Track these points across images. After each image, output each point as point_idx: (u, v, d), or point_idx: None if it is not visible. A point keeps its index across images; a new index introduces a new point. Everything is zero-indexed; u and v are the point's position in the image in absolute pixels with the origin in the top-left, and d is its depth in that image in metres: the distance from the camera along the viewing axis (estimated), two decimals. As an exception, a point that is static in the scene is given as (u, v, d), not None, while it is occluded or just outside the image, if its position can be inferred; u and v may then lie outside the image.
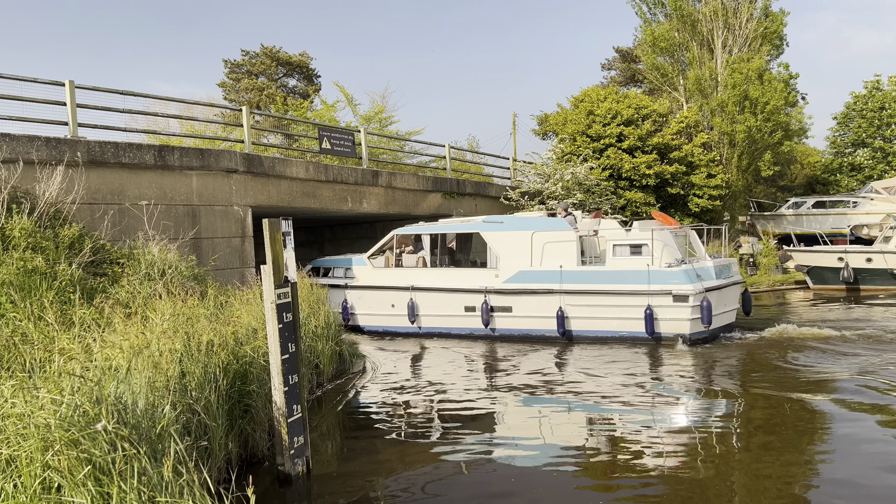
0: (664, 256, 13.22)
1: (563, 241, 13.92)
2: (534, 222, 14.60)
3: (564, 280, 13.58)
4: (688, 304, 12.71)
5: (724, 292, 13.49)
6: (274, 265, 6.31)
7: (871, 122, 36.81)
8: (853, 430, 7.55)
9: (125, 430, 4.31)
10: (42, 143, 10.98)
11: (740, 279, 14.58)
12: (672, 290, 12.80)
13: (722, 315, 13.46)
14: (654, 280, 12.94)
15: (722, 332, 13.70)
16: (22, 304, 7.32)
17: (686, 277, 12.82)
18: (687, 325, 12.82)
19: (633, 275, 13.12)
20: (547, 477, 6.43)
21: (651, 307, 12.86)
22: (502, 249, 14.40)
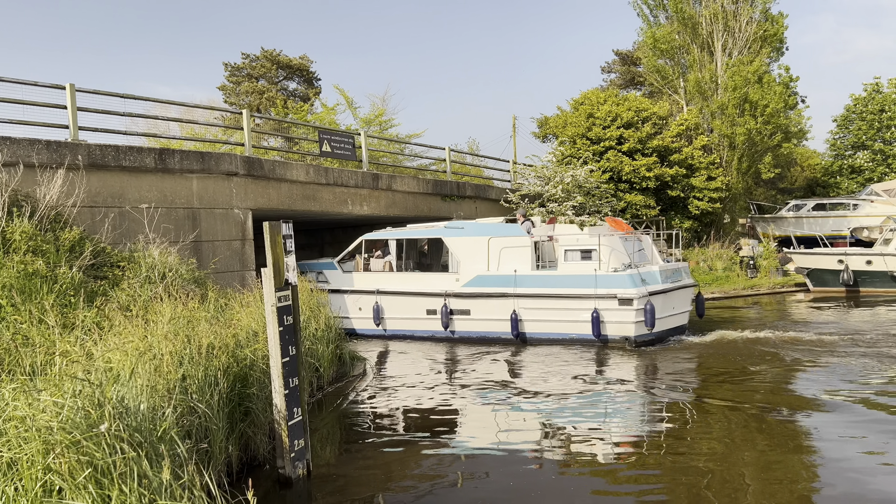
0: (611, 261, 13.59)
1: (518, 247, 14.35)
2: (491, 228, 15.07)
3: (518, 284, 14.02)
4: (632, 307, 13.05)
5: (672, 296, 13.83)
6: (274, 268, 6.32)
7: (871, 124, 36.85)
8: (772, 429, 7.78)
9: (126, 432, 4.32)
10: (43, 147, 10.99)
11: (692, 283, 14.90)
12: (617, 294, 13.14)
13: (670, 318, 13.81)
14: (600, 284, 13.29)
15: (671, 334, 13.96)
16: (23, 308, 7.33)
17: (631, 281, 13.14)
18: (632, 327, 13.13)
19: (582, 279, 13.48)
20: (547, 480, 6.42)
21: (598, 310, 13.19)
22: (462, 254, 14.87)
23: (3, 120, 11.40)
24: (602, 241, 13.70)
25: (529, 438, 7.84)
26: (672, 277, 14.10)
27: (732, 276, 24.29)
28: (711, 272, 24.80)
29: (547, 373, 11.32)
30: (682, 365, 11.68)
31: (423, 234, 16.21)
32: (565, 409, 8.98)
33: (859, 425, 7.69)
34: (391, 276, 15.74)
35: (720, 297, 21.81)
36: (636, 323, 13.10)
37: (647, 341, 13.33)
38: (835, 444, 7.07)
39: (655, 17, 32.34)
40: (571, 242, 14.17)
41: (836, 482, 6.10)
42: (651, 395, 9.63)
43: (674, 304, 13.98)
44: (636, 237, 14.98)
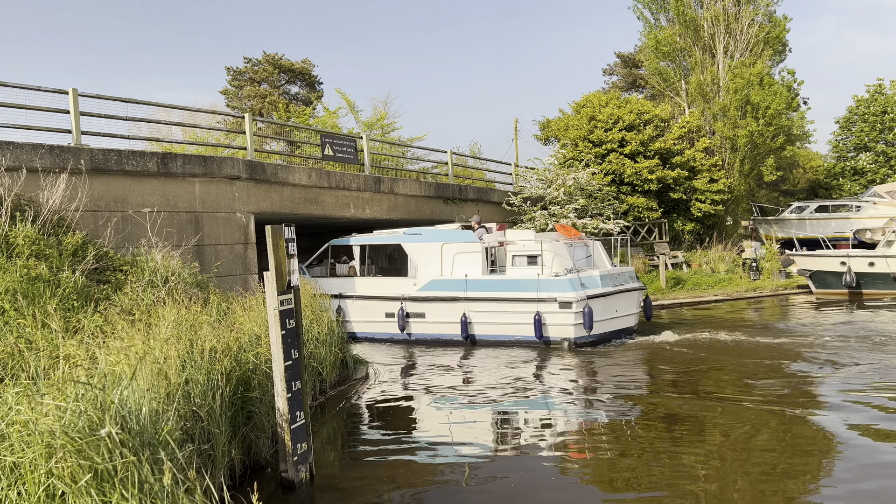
0: (554, 266, 14.06)
1: (470, 252, 14.90)
2: (446, 234, 15.67)
3: (468, 288, 14.54)
4: (571, 310, 13.52)
5: (613, 299, 14.30)
6: (277, 272, 6.32)
7: (874, 126, 36.80)
8: (690, 426, 8.09)
9: (129, 436, 4.32)
10: (46, 151, 11.02)
11: (639, 286, 15.32)
12: (557, 298, 13.63)
13: (611, 320, 14.31)
14: (542, 288, 13.79)
15: (615, 336, 14.43)
16: (26, 312, 7.35)
17: (570, 286, 13.64)
18: (571, 329, 13.64)
19: (525, 283, 14.00)
20: (549, 483, 6.42)
21: (540, 313, 13.65)
22: (419, 259, 15.43)
23: (7, 125, 11.44)
24: (545, 246, 14.19)
25: (528, 440, 7.84)
26: (614, 281, 14.57)
27: (735, 279, 24.25)
28: (714, 274, 24.76)
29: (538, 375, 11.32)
30: (608, 367, 12.01)
31: (385, 239, 16.62)
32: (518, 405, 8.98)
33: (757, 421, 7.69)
34: (353, 281, 16.20)
35: (723, 300, 21.78)
36: (575, 325, 13.57)
37: (587, 343, 13.83)
38: (732, 440, 7.29)
39: (657, 19, 32.35)
40: (519, 248, 14.66)
41: (734, 474, 6.28)
42: (563, 398, 9.94)
43: (616, 306, 14.45)
44: (584, 243, 15.57)
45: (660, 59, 32.09)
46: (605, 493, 6.22)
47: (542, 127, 35.62)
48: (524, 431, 8.37)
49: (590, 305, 13.47)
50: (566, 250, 14.59)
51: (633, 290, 14.96)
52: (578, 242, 15.37)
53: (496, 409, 9.33)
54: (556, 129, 30.37)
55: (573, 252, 14.83)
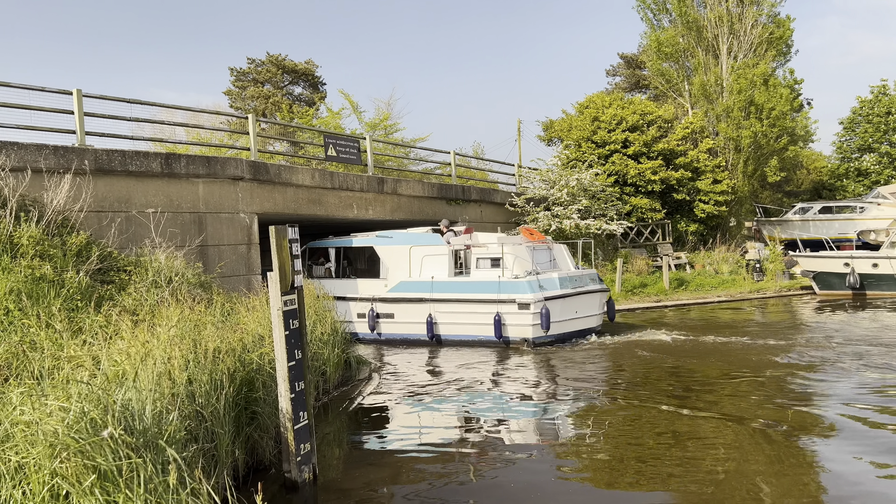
0: (515, 268, 14.52)
1: (437, 255, 15.37)
2: (414, 237, 16.12)
3: (434, 289, 15.01)
4: (529, 311, 14.00)
5: (572, 300, 14.75)
6: (280, 272, 6.33)
7: (878, 127, 36.71)
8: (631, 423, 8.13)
9: (132, 437, 4.33)
10: (50, 152, 11.04)
11: (600, 288, 15.67)
12: (516, 299, 14.13)
13: (571, 321, 14.77)
14: (503, 290, 14.29)
15: (575, 336, 14.88)
16: (30, 312, 7.36)
17: (528, 287, 14.12)
18: (530, 330, 14.11)
19: (487, 285, 14.50)
20: (552, 485, 6.41)
21: (500, 314, 14.16)
22: (390, 262, 15.86)
23: (11, 125, 11.47)
24: (506, 249, 14.68)
25: (528, 439, 7.84)
26: (573, 283, 15.00)
27: (738, 280, 24.21)
28: (717, 275, 24.72)
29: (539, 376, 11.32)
30: (575, 365, 12.39)
31: (358, 242, 16.92)
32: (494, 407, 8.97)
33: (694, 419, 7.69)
34: (329, 282, 16.44)
35: (726, 301, 21.75)
36: (533, 326, 14.04)
37: (545, 342, 14.29)
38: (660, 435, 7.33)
39: (659, 20, 32.31)
40: (483, 251, 15.16)
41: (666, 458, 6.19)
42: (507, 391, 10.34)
43: (576, 308, 14.90)
44: (547, 246, 16.01)
45: (662, 61, 32.05)
46: (605, 490, 6.22)
47: (545, 128, 35.63)
48: (525, 431, 8.36)
49: (547, 307, 13.92)
50: (527, 253, 15.02)
51: (594, 292, 15.39)
52: (541, 246, 15.84)
53: (497, 408, 9.33)
54: (560, 129, 30.37)
55: (535, 255, 15.26)
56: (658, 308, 20.52)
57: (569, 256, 16.20)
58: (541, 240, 15.96)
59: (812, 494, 5.91)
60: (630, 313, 19.82)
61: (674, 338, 14.47)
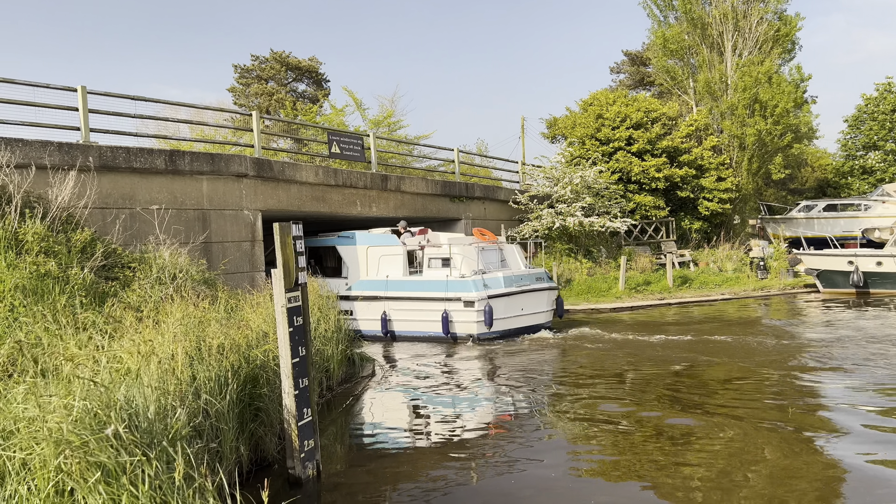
0: (463, 268, 15.19)
1: (392, 255, 16.10)
2: (372, 238, 16.73)
3: (388, 288, 15.73)
4: (474, 309, 14.70)
5: (518, 298, 15.39)
6: (284, 269, 6.33)
7: (883, 124, 36.59)
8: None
9: (136, 434, 4.34)
10: (55, 148, 11.06)
11: (548, 286, 16.21)
12: (462, 297, 14.84)
13: (516, 318, 15.40)
14: (450, 289, 15.00)
15: (521, 332, 15.47)
16: (35, 308, 7.38)
17: (473, 286, 14.82)
18: (474, 326, 14.81)
19: (436, 284, 15.21)
20: (554, 482, 6.41)
21: (447, 311, 14.88)
22: (350, 261, 16.59)
23: (16, 122, 11.50)
24: (454, 250, 15.36)
25: (527, 435, 7.83)
26: (519, 282, 15.60)
27: (742, 278, 24.16)
28: (721, 273, 24.68)
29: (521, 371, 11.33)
30: (510, 359, 12.94)
31: (323, 242, 17.39)
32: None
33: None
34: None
35: (730, 298, 21.71)
36: (477, 322, 14.73)
37: (489, 338, 14.94)
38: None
39: (665, 17, 32.22)
40: (434, 251, 15.78)
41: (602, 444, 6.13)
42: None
43: (522, 305, 15.52)
44: (497, 247, 16.63)
45: (667, 57, 31.97)
46: (607, 483, 6.22)
47: (549, 125, 35.60)
48: (525, 426, 8.36)
49: (490, 304, 14.59)
50: (476, 253, 15.60)
51: (540, 290, 15.95)
52: (491, 246, 16.44)
53: (497, 406, 9.33)
54: (564, 127, 30.35)
55: (484, 255, 15.91)
56: (661, 306, 20.50)
57: (520, 256, 16.88)
58: (492, 241, 16.66)
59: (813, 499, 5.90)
60: (631, 311, 19.80)
61: (640, 337, 14.76)
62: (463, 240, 16.30)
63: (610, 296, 21.33)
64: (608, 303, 20.49)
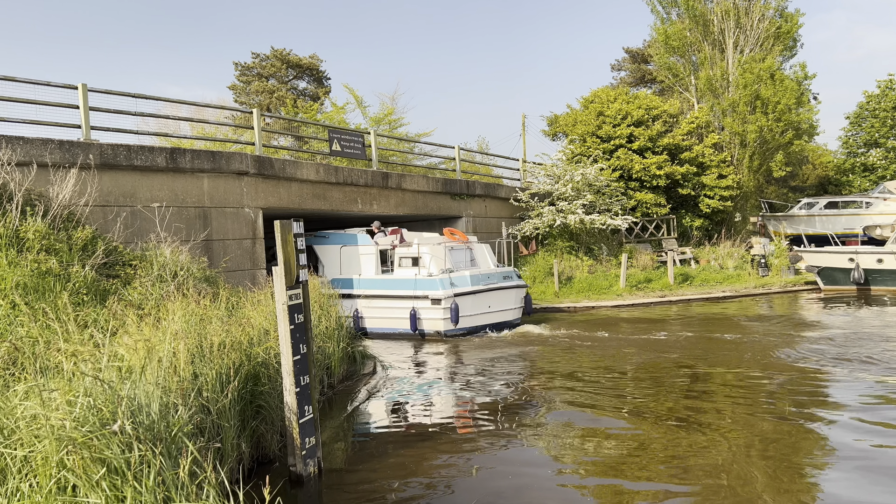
0: (431, 267, 15.68)
1: (365, 254, 16.60)
2: (345, 238, 17.17)
3: (361, 286, 16.29)
4: (440, 306, 15.20)
5: (484, 296, 15.92)
6: (286, 266, 6.33)
7: (885, 121, 36.54)
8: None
9: (140, 430, 4.34)
10: (55, 146, 11.06)
11: (516, 284, 16.75)
12: (429, 295, 15.32)
13: (483, 315, 15.95)
14: (418, 287, 15.52)
15: (490, 328, 15.98)
16: (36, 306, 7.39)
17: (440, 285, 15.31)
18: (441, 323, 15.31)
19: (405, 282, 15.77)
20: (554, 480, 6.41)
21: (415, 309, 15.36)
22: (326, 260, 17.10)
23: (17, 119, 11.50)
24: (423, 249, 15.90)
25: (527, 430, 7.84)
26: (486, 281, 16.09)
27: (744, 275, 24.15)
28: (722, 271, 24.66)
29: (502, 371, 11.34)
30: (472, 353, 13.50)
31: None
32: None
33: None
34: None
35: (731, 296, 21.71)
36: (444, 319, 15.23)
37: (456, 335, 15.46)
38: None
39: (668, 13, 32.17)
40: (404, 251, 16.29)
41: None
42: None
43: (489, 303, 16.05)
44: (467, 246, 17.17)
45: (669, 54, 31.93)
46: (607, 480, 6.23)
47: (549, 122, 35.59)
48: (525, 421, 8.37)
49: (457, 302, 15.11)
50: (444, 253, 16.11)
51: (508, 288, 16.45)
52: (461, 245, 16.97)
53: (496, 404, 9.34)
54: (564, 124, 30.32)
55: (453, 254, 16.42)
56: (662, 303, 20.49)
57: (490, 255, 17.44)
58: (463, 240, 17.18)
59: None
60: (632, 308, 19.80)
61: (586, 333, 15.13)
62: (432, 239, 16.85)
63: (611, 293, 21.32)
64: (609, 300, 20.48)
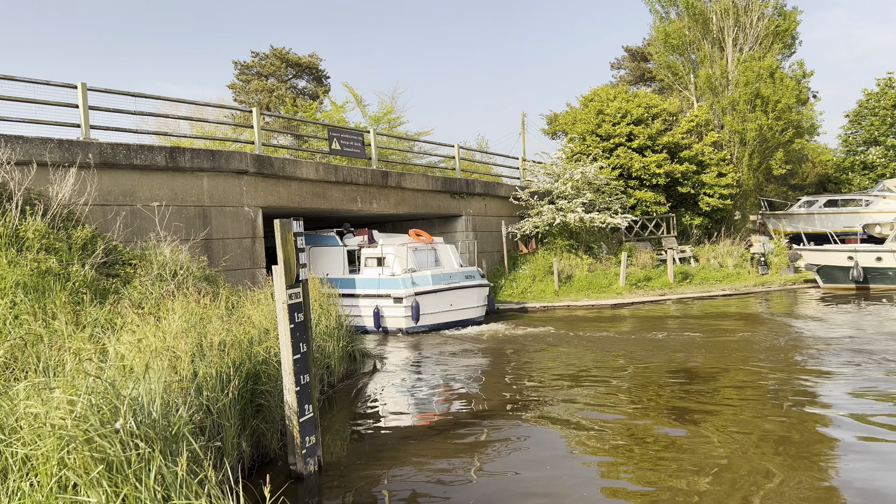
0: (395, 267, 16.30)
1: (333, 254, 17.27)
2: (315, 239, 17.73)
3: (329, 285, 16.61)
4: (402, 304, 15.79)
5: (446, 295, 16.47)
6: (285, 265, 6.34)
7: (884, 119, 36.52)
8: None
9: (141, 429, 4.35)
10: (55, 146, 11.06)
11: (478, 283, 17.31)
12: (391, 294, 15.95)
13: (445, 313, 16.53)
14: (382, 286, 16.12)
15: (453, 326, 16.65)
16: (36, 305, 7.39)
17: (402, 284, 15.92)
18: (403, 321, 15.90)
19: (370, 282, 16.39)
20: (552, 481, 6.42)
21: (379, 307, 15.96)
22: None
23: (17, 119, 11.49)
24: (386, 250, 16.54)
25: (527, 428, 7.85)
26: (448, 280, 16.60)
27: (743, 273, 24.16)
28: (722, 269, 24.67)
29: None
30: (431, 348, 14.08)
31: (269, 243, 18.57)
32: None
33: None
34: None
35: (731, 294, 21.72)
36: (405, 317, 15.81)
37: (417, 332, 16.03)
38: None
39: (667, 12, 32.17)
40: (370, 251, 16.93)
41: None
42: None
43: (451, 301, 16.61)
44: (431, 247, 17.72)
45: (669, 53, 31.93)
46: (605, 480, 6.24)
47: (549, 121, 35.57)
48: (523, 422, 8.38)
49: (418, 300, 15.67)
50: (407, 253, 16.65)
51: (470, 287, 16.97)
52: (425, 246, 17.52)
53: (496, 402, 9.35)
54: (564, 123, 30.30)
55: (416, 255, 16.98)
56: (662, 302, 20.50)
57: (454, 255, 17.99)
58: (427, 241, 17.70)
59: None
60: (632, 307, 19.80)
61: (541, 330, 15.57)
62: (397, 240, 17.36)
63: (611, 292, 21.33)
64: (609, 299, 20.49)
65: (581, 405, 8.94)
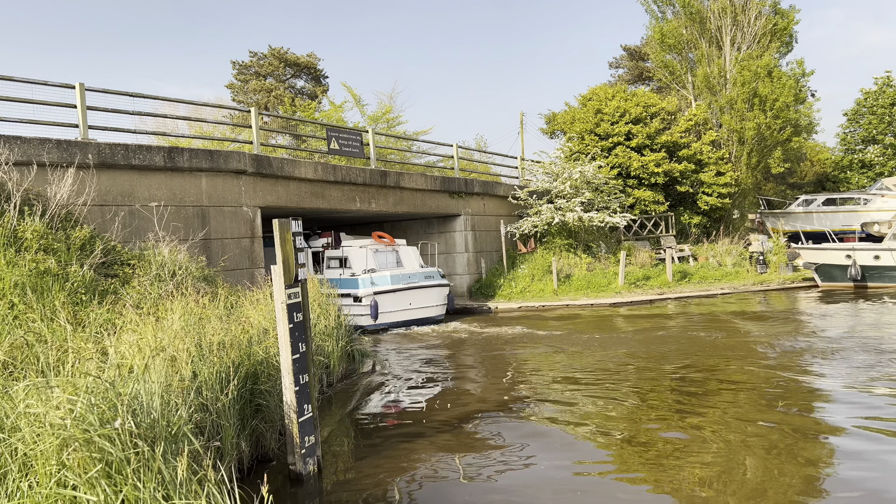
0: (355, 267, 17.01)
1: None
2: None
3: None
4: (362, 304, 16.43)
5: (405, 294, 17.05)
6: (284, 265, 6.34)
7: (882, 118, 36.57)
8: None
9: (140, 429, 4.35)
10: (53, 146, 11.05)
11: (438, 283, 17.91)
12: (351, 293, 16.57)
13: (404, 311, 17.12)
14: (342, 286, 16.57)
15: (412, 324, 17.24)
16: (35, 306, 7.39)
17: (361, 284, 16.61)
18: (363, 319, 16.39)
19: (332, 282, 16.22)
20: (552, 481, 6.43)
21: (340, 307, 16.22)
22: (267, 261, 18.70)
23: (15, 119, 11.48)
24: (346, 252, 17.22)
25: (527, 426, 7.85)
26: (407, 280, 17.15)
27: (742, 272, 24.18)
28: (721, 268, 24.70)
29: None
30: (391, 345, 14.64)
31: None
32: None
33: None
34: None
35: (729, 293, 21.74)
36: (365, 316, 16.35)
37: (376, 330, 16.63)
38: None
39: (663, 12, 32.18)
40: (332, 252, 17.56)
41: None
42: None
43: (410, 300, 17.19)
44: (393, 248, 18.34)
45: (665, 52, 31.95)
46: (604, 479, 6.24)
47: (547, 120, 35.58)
48: (523, 415, 8.38)
49: (376, 300, 16.29)
50: (368, 254, 17.27)
51: (429, 287, 17.53)
52: (386, 248, 18.12)
53: (496, 401, 9.35)
54: (562, 122, 30.32)
55: (377, 256, 17.58)
56: (661, 300, 20.52)
57: (416, 257, 18.69)
58: (390, 243, 18.32)
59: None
60: (631, 306, 19.82)
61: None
62: (359, 242, 17.92)
63: (609, 291, 21.34)
64: (608, 298, 20.50)
65: (581, 405, 8.95)
